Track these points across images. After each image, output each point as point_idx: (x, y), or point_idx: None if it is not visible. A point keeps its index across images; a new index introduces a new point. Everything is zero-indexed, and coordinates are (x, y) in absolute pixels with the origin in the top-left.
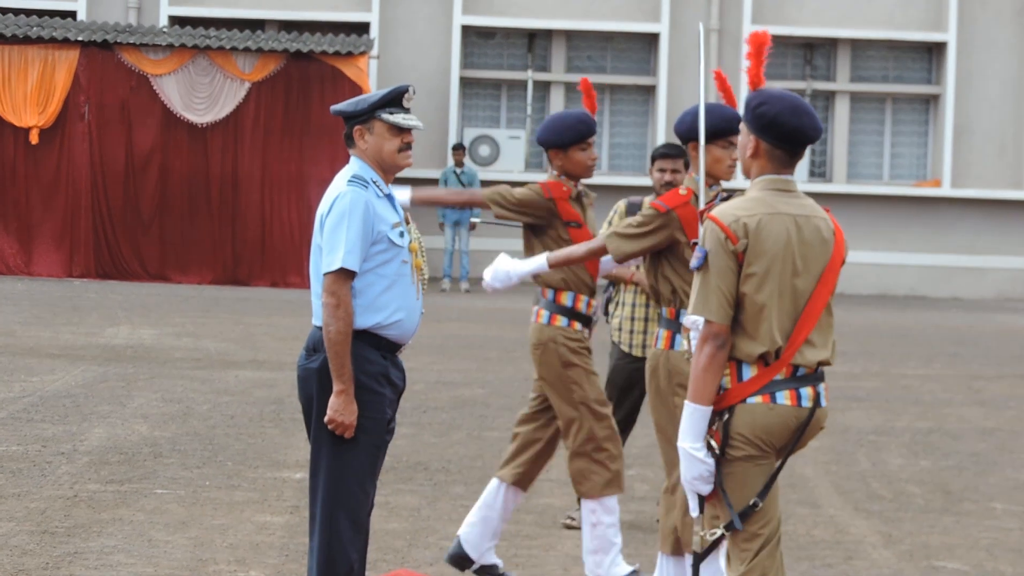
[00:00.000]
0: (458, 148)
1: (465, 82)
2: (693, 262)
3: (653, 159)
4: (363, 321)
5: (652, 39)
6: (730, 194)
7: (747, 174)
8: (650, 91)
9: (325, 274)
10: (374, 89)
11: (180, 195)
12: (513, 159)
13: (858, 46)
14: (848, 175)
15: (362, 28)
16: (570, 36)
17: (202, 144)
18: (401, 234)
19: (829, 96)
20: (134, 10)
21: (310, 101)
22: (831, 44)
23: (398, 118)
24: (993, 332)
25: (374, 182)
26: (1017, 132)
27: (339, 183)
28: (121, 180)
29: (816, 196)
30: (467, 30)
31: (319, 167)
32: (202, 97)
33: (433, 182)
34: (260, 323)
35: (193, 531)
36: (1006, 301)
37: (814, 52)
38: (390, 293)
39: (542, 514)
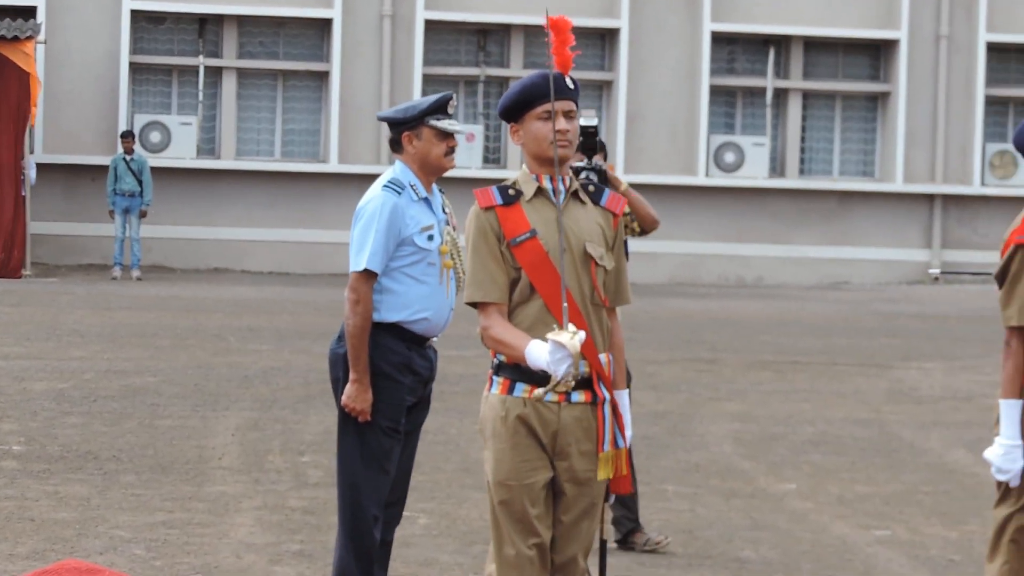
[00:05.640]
0: (127, 135)
1: (135, 67)
2: None
3: None
4: (390, 316)
5: (325, 25)
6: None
7: None
8: (323, 77)
9: (350, 272)
10: (41, 74)
11: None
12: (184, 146)
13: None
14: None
15: (28, 12)
16: (242, 21)
17: None
18: (430, 237)
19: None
20: None
21: None
22: (504, 30)
23: (445, 124)
24: (666, 317)
25: (411, 186)
26: (688, 119)
27: (375, 186)
28: None
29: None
30: (136, 15)
31: None
32: None
33: (102, 169)
34: None
35: None
36: (678, 286)
37: (488, 38)
38: (416, 292)
39: (215, 502)
